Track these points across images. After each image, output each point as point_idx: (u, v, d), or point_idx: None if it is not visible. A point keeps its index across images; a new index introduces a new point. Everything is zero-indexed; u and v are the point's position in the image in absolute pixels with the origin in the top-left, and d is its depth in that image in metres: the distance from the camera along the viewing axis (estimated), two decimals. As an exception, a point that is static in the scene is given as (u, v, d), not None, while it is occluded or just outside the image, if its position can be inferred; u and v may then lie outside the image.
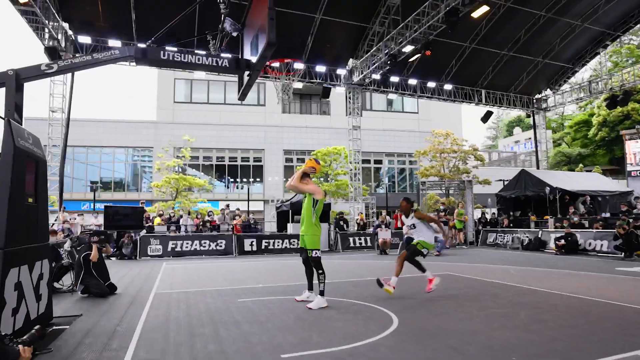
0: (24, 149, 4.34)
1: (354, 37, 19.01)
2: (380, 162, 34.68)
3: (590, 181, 21.54)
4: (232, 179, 31.77)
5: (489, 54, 21.41)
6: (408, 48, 16.05)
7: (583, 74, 43.12)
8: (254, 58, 5.18)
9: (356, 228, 18.77)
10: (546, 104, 25.69)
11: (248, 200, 23.89)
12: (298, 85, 19.95)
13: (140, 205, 17.97)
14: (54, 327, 4.91)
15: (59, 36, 15.38)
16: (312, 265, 6.02)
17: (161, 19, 12.30)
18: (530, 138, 63.01)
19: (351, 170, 20.77)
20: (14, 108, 4.31)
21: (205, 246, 14.60)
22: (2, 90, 4.53)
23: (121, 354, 3.88)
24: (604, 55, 25.95)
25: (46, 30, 15.06)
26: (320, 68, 19.52)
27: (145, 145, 29.95)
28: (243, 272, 10.07)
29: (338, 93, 22.68)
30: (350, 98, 20.54)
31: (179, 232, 16.37)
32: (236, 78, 7.63)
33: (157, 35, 4.88)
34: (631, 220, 13.80)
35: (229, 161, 31.36)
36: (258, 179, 31.84)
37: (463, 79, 22.63)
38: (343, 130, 25.67)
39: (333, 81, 20.14)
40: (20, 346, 2.63)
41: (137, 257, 13.85)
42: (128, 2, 15.43)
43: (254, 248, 15.17)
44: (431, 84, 21.90)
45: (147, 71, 19.03)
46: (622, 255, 12.51)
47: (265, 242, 15.39)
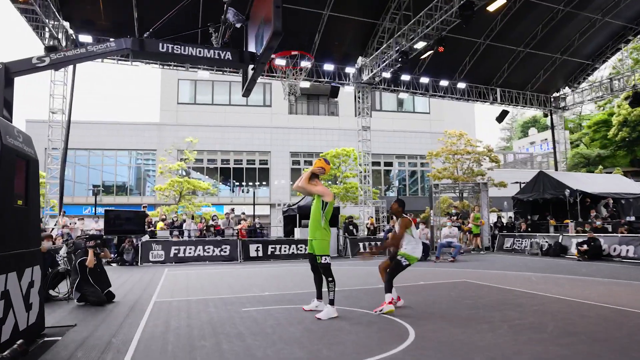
0: (13, 148, 4.17)
1: (363, 34, 18.81)
2: (390, 165, 34.36)
3: (612, 183, 21.06)
4: (238, 183, 31.66)
5: (505, 51, 21.08)
6: (420, 44, 15.79)
7: (601, 72, 42.50)
8: (259, 50, 4.98)
9: (366, 233, 18.50)
10: (564, 103, 25.25)
11: (254, 204, 23.71)
12: (305, 84, 19.77)
13: (142, 209, 17.88)
14: (46, 339, 4.72)
15: (60, 35, 15.37)
16: (321, 272, 5.78)
17: (164, 17, 12.25)
18: (546, 139, 62.35)
19: (361, 172, 20.51)
20: (3, 104, 4.13)
21: (209, 252, 14.42)
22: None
23: (114, 370, 3.67)
24: (625, 51, 25.46)
25: (46, 29, 15.07)
26: (328, 67, 19.34)
27: (148, 147, 29.96)
28: (248, 279, 9.85)
29: (347, 93, 22.49)
30: (359, 98, 20.31)
31: (182, 237, 16.21)
32: (241, 79, 7.45)
33: (156, 26, 4.72)
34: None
35: (234, 164, 31.26)
36: (264, 182, 31.69)
37: (477, 77, 22.31)
38: (352, 131, 25.44)
39: (341, 80, 19.94)
40: None
41: (139, 263, 13.70)
42: (130, 0, 15.38)
43: (260, 254, 14.96)
44: (444, 83, 21.61)
45: (150, 72, 19.06)
46: (650, 261, 12.10)
47: (271, 248, 15.18)
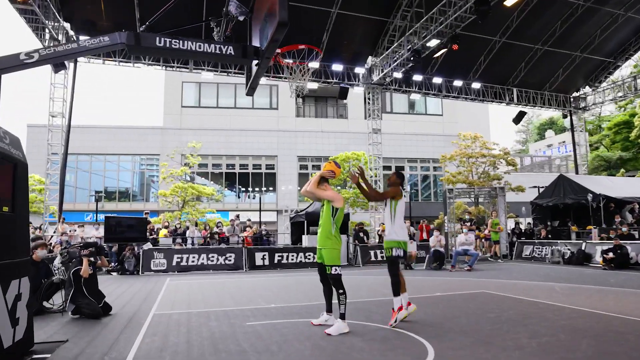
0: (-2, 150, 3.98)
1: (373, 33, 18.61)
2: (402, 169, 33.99)
3: (636, 187, 20.52)
4: (243, 188, 31.52)
5: (521, 49, 20.76)
6: (433, 42, 15.55)
7: (623, 71, 41.80)
8: (264, 44, 4.77)
9: (377, 240, 18.18)
10: (585, 103, 24.80)
11: (260, 210, 23.52)
12: (313, 86, 19.60)
13: (144, 216, 17.75)
14: (34, 356, 4.50)
15: (60, 37, 15.34)
16: (331, 283, 5.51)
17: (167, 17, 12.13)
18: (564, 141, 61.58)
19: (371, 177, 20.22)
20: (-12, 103, 3.94)
21: (212, 260, 14.21)
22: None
23: (104, 393, 3.43)
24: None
25: (46, 30, 15.06)
26: (336, 67, 19.15)
27: (151, 152, 29.96)
28: (253, 290, 9.60)
29: (356, 94, 22.30)
30: (369, 99, 20.08)
31: (185, 245, 16.04)
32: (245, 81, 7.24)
33: (152, 19, 4.54)
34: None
35: (240, 169, 31.13)
36: (271, 188, 31.52)
37: (492, 77, 21.99)
38: (362, 134, 25.20)
39: (351, 81, 19.74)
40: None
41: (140, 272, 13.52)
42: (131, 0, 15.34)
43: (266, 262, 14.72)
44: (457, 83, 21.31)
45: (154, 74, 18.98)
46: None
47: (278, 256, 14.94)
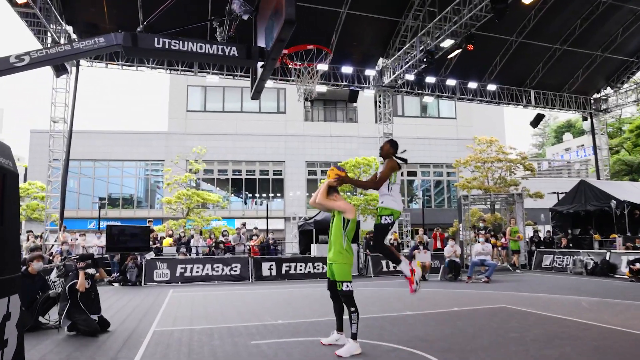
0: (-15, 159, 3.80)
1: (384, 34, 18.41)
2: (414, 174, 33.68)
3: (663, 193, 20.01)
4: (250, 195, 31.40)
5: (539, 49, 20.42)
6: (447, 43, 15.29)
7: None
8: (269, 44, 4.57)
9: (389, 249, 17.86)
10: (606, 105, 24.33)
11: (267, 217, 23.34)
12: (322, 89, 19.40)
13: (147, 224, 17.64)
14: (23, 380, 4.30)
15: (62, 40, 15.34)
16: (342, 300, 5.27)
17: (171, 18, 12.05)
18: (583, 145, 60.76)
19: (382, 183, 19.92)
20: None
21: (217, 271, 14.02)
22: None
23: None
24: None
25: (48, 34, 15.06)
26: (346, 69, 18.96)
27: (156, 158, 29.97)
28: (259, 304, 9.37)
29: (366, 97, 22.08)
30: (380, 102, 19.84)
31: (190, 254, 15.87)
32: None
33: (150, 19, 4.37)
34: None
35: (246, 174, 31.02)
36: (278, 194, 31.35)
37: (509, 78, 21.66)
38: (372, 139, 24.94)
39: (361, 83, 19.54)
40: None
41: (142, 283, 13.37)
42: (135, 1, 15.30)
43: (273, 273, 14.49)
44: (472, 85, 21.01)
45: (158, 78, 18.99)
46: None
47: (285, 266, 14.70)
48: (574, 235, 19.17)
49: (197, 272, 13.89)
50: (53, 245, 15.24)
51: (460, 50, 15.27)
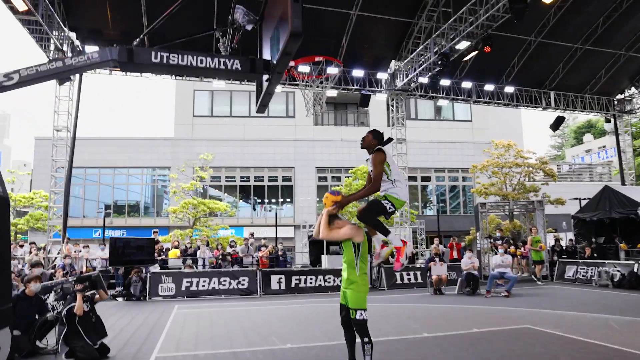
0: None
1: (397, 35, 18.19)
2: (428, 180, 33.29)
3: (693, 199, 19.42)
4: (259, 200, 31.27)
5: (559, 49, 20.04)
6: (462, 45, 15.00)
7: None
8: (275, 57, 4.35)
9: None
10: (630, 106, 23.79)
11: (276, 225, 23.11)
12: (332, 93, 19.21)
13: (152, 234, 17.57)
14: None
15: (65, 47, 15.35)
16: (355, 330, 5.02)
17: (176, 24, 11.93)
18: (604, 146, 59.75)
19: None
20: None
21: (224, 285, 13.83)
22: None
23: None
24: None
25: (51, 41, 15.07)
26: (357, 72, 18.74)
27: (162, 164, 29.99)
28: (267, 324, 9.14)
29: (378, 100, 21.82)
30: (393, 106, 19.58)
31: (196, 267, 15.74)
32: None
33: (146, 32, 4.21)
34: None
35: (255, 181, 30.88)
36: (288, 199, 31.17)
37: (527, 80, 21.29)
38: (384, 143, 24.59)
39: (372, 87, 19.31)
40: None
41: (147, 298, 13.22)
42: (139, 7, 15.28)
43: (282, 286, 14.27)
44: (489, 87, 20.67)
45: (164, 83, 18.95)
46: None
47: (295, 279, 14.47)
48: (598, 244, 18.66)
49: (204, 286, 13.71)
50: (56, 257, 15.18)
51: (476, 52, 14.95)
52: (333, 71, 12.13)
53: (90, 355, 6.13)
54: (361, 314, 4.95)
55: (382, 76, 19.29)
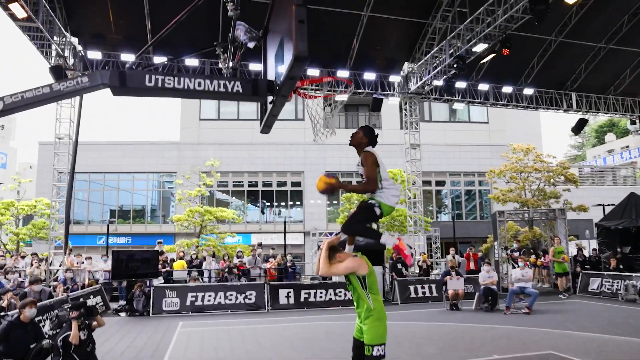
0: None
1: (410, 37, 17.92)
2: (442, 184, 32.87)
3: None
4: (268, 203, 31.13)
5: (581, 48, 19.59)
6: (479, 47, 14.66)
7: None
8: (279, 78, 4.12)
9: (417, 271, 17.26)
10: (657, 107, 23.20)
11: (285, 232, 22.93)
12: (343, 97, 18.93)
13: (157, 244, 17.47)
14: None
15: (66, 53, 15.31)
16: (368, 368, 4.73)
17: (180, 27, 11.79)
18: (627, 146, 58.70)
19: (409, 198, 19.34)
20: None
21: (231, 299, 13.65)
22: None
23: None
24: None
25: (53, 47, 15.02)
26: (368, 75, 18.48)
27: (168, 170, 29.97)
28: (274, 346, 8.92)
29: (390, 103, 21.50)
30: (406, 110, 19.29)
31: (202, 279, 15.59)
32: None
33: (151, 42, 4.02)
34: None
35: (263, 186, 30.73)
36: (297, 202, 30.98)
37: (547, 81, 20.86)
38: (397, 146, 24.38)
39: (385, 90, 19.03)
40: None
41: (150, 313, 13.08)
42: (142, 10, 15.20)
43: (291, 301, 14.05)
44: (507, 89, 20.28)
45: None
46: None
47: (304, 293, 14.24)
48: (624, 254, 18.14)
49: (209, 301, 13.54)
50: (58, 270, 15.13)
51: (494, 54, 14.60)
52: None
53: (86, 387, 5.96)
54: (378, 350, 4.63)
55: (395, 79, 19.01)
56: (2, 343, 6.52)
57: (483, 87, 20.01)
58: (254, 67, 16.92)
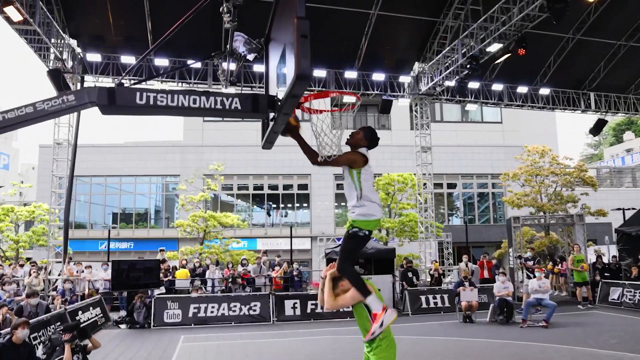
0: None
1: (420, 36, 17.67)
2: (453, 187, 32.51)
3: None
4: (274, 205, 30.98)
5: (600, 46, 19.24)
6: (494, 47, 14.36)
7: None
8: (281, 91, 3.91)
9: (429, 280, 16.99)
10: (680, 107, 22.72)
11: (291, 236, 22.73)
12: (351, 99, 18.71)
13: (159, 252, 17.37)
14: None
15: (65, 55, 15.22)
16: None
17: (183, 28, 11.60)
18: (646, 145, 57.88)
19: (420, 203, 19.07)
20: None
21: (235, 310, 13.47)
22: None
23: None
24: None
25: (51, 50, 14.93)
26: (377, 76, 18.22)
27: (171, 172, 29.88)
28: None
29: (400, 105, 21.22)
30: (417, 111, 19.01)
31: (205, 288, 15.45)
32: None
33: (153, 48, 3.84)
34: None
35: (269, 189, 30.55)
36: (305, 205, 30.78)
37: (564, 81, 20.50)
38: (407, 147, 24.14)
39: (394, 91, 18.77)
40: None
41: (151, 325, 12.93)
42: (143, 10, 15.07)
43: (297, 312, 13.85)
44: (522, 89, 19.94)
45: (171, 86, 18.60)
46: None
47: (311, 305, 14.01)
48: (646, 261, 17.77)
49: (212, 312, 13.38)
50: (57, 279, 15.04)
51: (509, 54, 14.29)
52: (352, 75, 11.60)
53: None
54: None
55: (405, 79, 18.75)
56: (-7, 367, 6.37)
57: (497, 88, 19.68)
58: (258, 69, 16.76)
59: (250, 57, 4.42)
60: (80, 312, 11.71)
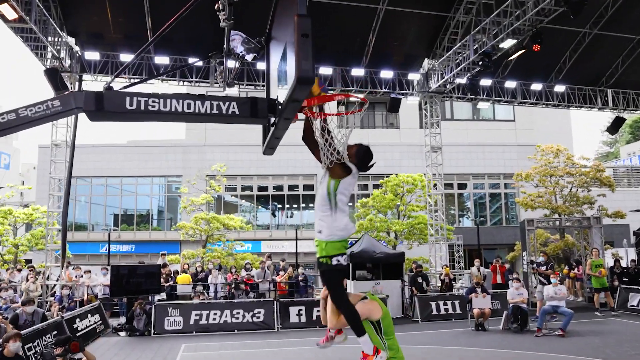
0: None
1: (430, 31, 17.43)
2: (464, 187, 32.20)
3: None
4: (280, 206, 30.86)
5: (618, 41, 18.88)
6: (507, 43, 14.09)
7: None
8: (282, 95, 3.72)
9: (439, 286, 16.75)
10: (701, 103, 22.30)
11: (296, 239, 22.52)
12: (358, 97, 18.54)
13: (160, 256, 17.26)
14: None
15: (62, 54, 15.13)
16: None
17: (183, 25, 11.47)
18: (665, 143, 57.17)
19: (430, 205, 18.82)
20: None
21: (238, 317, 13.32)
22: None
23: None
24: None
25: (48, 48, 14.83)
26: (385, 73, 18.00)
27: (172, 173, 29.81)
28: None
29: (409, 103, 20.99)
30: (426, 110, 18.76)
31: (207, 293, 15.31)
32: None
33: (150, 42, 3.68)
34: None
35: (273, 190, 30.40)
36: (311, 205, 30.59)
37: (581, 77, 20.14)
38: (417, 147, 23.95)
39: (403, 89, 18.53)
40: None
41: (152, 333, 12.81)
42: (142, 7, 14.94)
43: (302, 319, 13.68)
44: (536, 86, 19.62)
45: (173, 85, 18.45)
46: None
47: (317, 311, 13.81)
48: (665, 266, 17.47)
49: (215, 320, 13.24)
50: (55, 285, 14.95)
51: (523, 51, 14.01)
52: (358, 72, 11.38)
53: None
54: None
55: (414, 77, 18.49)
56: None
57: (510, 85, 19.37)
58: (262, 66, 16.56)
59: (249, 58, 4.24)
60: (78, 320, 11.60)
